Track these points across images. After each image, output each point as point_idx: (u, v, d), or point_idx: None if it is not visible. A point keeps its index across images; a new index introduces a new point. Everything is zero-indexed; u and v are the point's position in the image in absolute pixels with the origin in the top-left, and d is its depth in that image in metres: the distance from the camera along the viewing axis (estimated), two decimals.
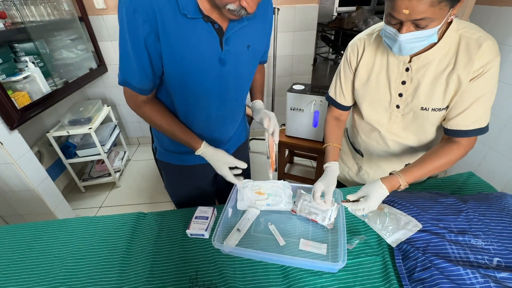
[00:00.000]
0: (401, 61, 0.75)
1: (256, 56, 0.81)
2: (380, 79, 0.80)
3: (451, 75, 0.69)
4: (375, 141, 0.93)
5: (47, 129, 1.90)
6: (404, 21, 0.59)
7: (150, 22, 0.61)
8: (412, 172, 0.74)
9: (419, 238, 0.70)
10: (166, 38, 0.63)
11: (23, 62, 1.59)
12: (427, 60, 0.71)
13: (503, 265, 0.62)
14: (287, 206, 0.86)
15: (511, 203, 0.78)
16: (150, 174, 2.40)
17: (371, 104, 0.85)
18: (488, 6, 1.69)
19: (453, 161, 0.75)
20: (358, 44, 0.82)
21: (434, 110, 0.75)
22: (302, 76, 2.59)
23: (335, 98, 0.93)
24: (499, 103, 1.64)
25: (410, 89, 0.76)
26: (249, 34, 0.73)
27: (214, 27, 0.67)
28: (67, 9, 1.97)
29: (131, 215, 0.91)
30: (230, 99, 0.82)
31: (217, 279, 0.69)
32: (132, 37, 0.63)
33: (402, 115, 0.81)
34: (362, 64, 0.82)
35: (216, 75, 0.73)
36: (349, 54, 0.84)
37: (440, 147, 0.77)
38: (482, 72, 0.66)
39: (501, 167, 1.73)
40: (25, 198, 1.52)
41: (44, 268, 0.75)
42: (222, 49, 0.69)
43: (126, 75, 0.70)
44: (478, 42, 0.65)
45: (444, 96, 0.72)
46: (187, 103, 0.78)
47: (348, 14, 3.94)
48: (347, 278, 0.67)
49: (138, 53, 0.65)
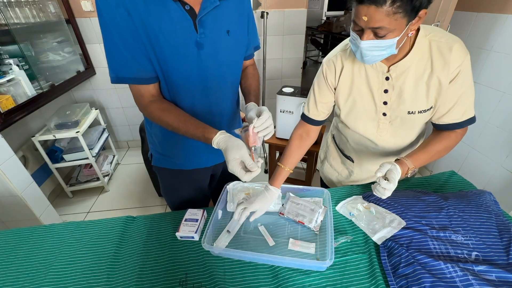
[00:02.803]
0: (379, 71, 0.77)
1: (239, 43, 0.81)
2: (362, 91, 0.81)
3: (431, 78, 0.73)
4: (365, 148, 0.94)
5: (32, 133, 1.86)
6: (364, 28, 0.62)
7: (123, 5, 0.62)
8: (417, 157, 0.76)
9: (403, 235, 0.72)
10: (139, 20, 0.64)
11: (7, 64, 1.56)
12: (404, 67, 0.74)
13: (481, 259, 0.65)
14: (276, 207, 0.87)
15: (488, 200, 0.82)
16: (139, 178, 2.37)
17: (358, 117, 0.86)
18: (467, 12, 1.77)
19: (451, 146, 0.80)
20: (334, 61, 0.82)
21: (421, 112, 0.78)
22: (291, 79, 2.63)
23: (308, 113, 0.92)
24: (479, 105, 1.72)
25: (394, 96, 0.78)
26: (225, 17, 0.74)
27: (185, 8, 0.67)
28: (54, 11, 1.94)
29: (120, 219, 0.90)
30: (212, 87, 0.80)
31: (207, 281, 0.70)
32: (114, 24, 0.63)
33: (389, 122, 0.83)
34: (342, 81, 0.83)
35: (194, 59, 0.72)
36: (325, 70, 0.84)
37: (438, 134, 0.80)
38: (459, 71, 0.70)
39: (483, 166, 1.80)
40: (9, 204, 1.47)
41: (29, 275, 0.73)
42: (197, 31, 0.69)
43: (118, 69, 0.69)
44: (448, 46, 0.69)
45: (427, 98, 0.75)
46: (171, 89, 0.76)
47: (336, 18, 4.02)
48: (335, 276, 0.69)
49: (124, 39, 0.65)
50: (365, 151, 0.95)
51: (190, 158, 0.90)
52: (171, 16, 0.66)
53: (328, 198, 0.87)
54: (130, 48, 0.67)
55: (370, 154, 0.95)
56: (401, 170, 0.71)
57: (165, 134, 0.87)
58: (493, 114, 1.68)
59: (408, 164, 0.74)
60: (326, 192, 0.89)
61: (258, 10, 2.19)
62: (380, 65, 0.76)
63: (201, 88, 0.78)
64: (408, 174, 0.75)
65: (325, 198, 0.89)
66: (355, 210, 0.84)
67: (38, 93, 1.67)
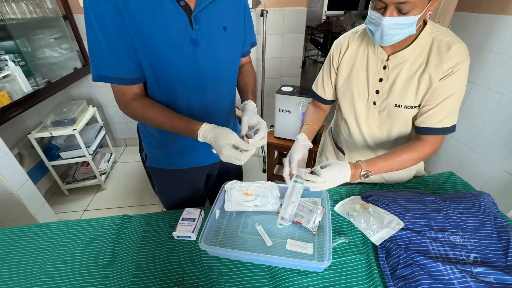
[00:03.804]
0: (379, 59, 0.79)
1: (236, 40, 0.80)
2: (360, 76, 0.84)
3: (423, 75, 0.74)
4: (354, 141, 0.96)
5: (28, 130, 1.83)
6: (388, 4, 0.63)
7: (112, 2, 0.60)
8: (374, 162, 0.76)
9: (401, 236, 0.72)
10: (130, 19, 0.62)
11: (2, 60, 1.54)
12: (402, 59, 0.76)
13: (479, 261, 0.64)
14: (274, 207, 0.86)
15: (487, 201, 0.82)
16: (137, 176, 2.36)
17: (351, 100, 0.88)
18: (467, 13, 1.77)
19: (417, 157, 0.79)
20: (342, 42, 0.86)
21: (407, 108, 0.79)
22: (291, 78, 2.62)
23: (316, 91, 0.99)
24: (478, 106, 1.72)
25: (386, 86, 0.80)
26: (222, 13, 0.72)
27: (180, 4, 0.65)
28: (51, 7, 1.92)
29: (116, 218, 0.89)
30: (209, 85, 0.78)
31: (204, 281, 0.69)
32: (99, 22, 0.61)
33: (378, 112, 0.85)
34: (344, 61, 0.86)
35: (189, 56, 0.70)
36: (332, 50, 0.89)
37: (406, 144, 0.81)
38: (451, 72, 0.70)
39: (480, 167, 1.80)
40: (3, 202, 1.46)
41: (23, 275, 0.72)
42: (193, 28, 0.68)
43: (100, 68, 0.67)
44: (448, 45, 0.70)
45: (416, 94, 0.76)
46: (164, 89, 0.74)
47: (336, 18, 4.02)
48: (332, 276, 0.68)
49: (109, 39, 0.63)
50: (355, 144, 0.97)
51: (187, 156, 0.89)
52: (165, 12, 0.64)
53: (326, 198, 0.86)
54: (115, 48, 0.64)
55: (359, 148, 0.97)
56: (350, 171, 0.73)
57: (161, 132, 0.85)
58: (492, 116, 1.68)
59: (362, 166, 0.75)
60: (324, 192, 0.89)
61: (258, 9, 2.17)
62: (381, 52, 0.78)
63: (198, 86, 0.76)
64: (361, 177, 0.75)
65: (323, 198, 0.88)
66: (354, 211, 0.83)
67: (35, 89, 1.65)
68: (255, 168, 2.47)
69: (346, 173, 0.73)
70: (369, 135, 0.91)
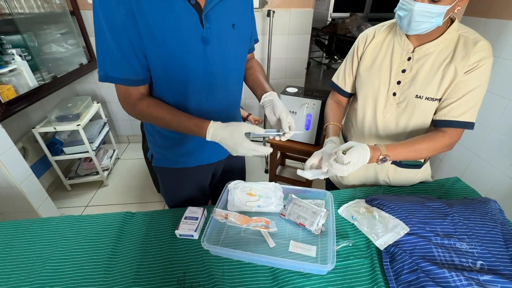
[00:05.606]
0: (405, 50, 0.80)
1: (243, 37, 0.80)
2: (383, 66, 0.84)
3: (449, 66, 0.75)
4: (367, 133, 0.94)
5: (33, 125, 1.84)
6: None
7: (124, 4, 0.59)
8: (394, 147, 0.76)
9: (406, 241, 0.71)
10: (143, 19, 0.62)
11: (9, 54, 1.54)
12: (428, 51, 0.77)
13: (486, 268, 0.63)
14: (277, 208, 0.86)
15: (494, 208, 0.80)
16: (139, 173, 2.36)
17: (370, 90, 0.88)
18: (476, 18, 1.75)
19: (436, 147, 0.78)
20: (369, 33, 0.88)
21: (428, 99, 0.79)
22: (295, 79, 2.61)
23: (337, 82, 1.00)
24: (484, 112, 1.70)
25: (409, 77, 0.81)
26: (231, 11, 0.72)
27: (191, 2, 0.65)
28: (58, 2, 1.93)
29: (118, 215, 0.89)
30: (218, 84, 0.78)
31: (205, 280, 0.68)
32: (109, 23, 0.61)
33: (397, 104, 0.85)
34: (368, 50, 0.87)
35: (200, 55, 0.70)
36: (358, 42, 0.91)
37: (426, 134, 0.81)
38: (476, 66, 0.72)
39: (486, 173, 1.79)
40: (6, 196, 1.46)
41: (25, 269, 0.72)
42: (203, 26, 0.68)
43: (107, 68, 0.67)
44: (474, 41, 0.72)
45: (439, 86, 0.77)
46: (174, 90, 0.74)
47: (342, 20, 4.00)
48: (335, 280, 0.68)
49: (118, 40, 0.63)
50: (366, 137, 0.96)
51: (195, 155, 0.88)
52: (177, 11, 0.64)
53: (330, 201, 0.86)
54: (123, 49, 0.64)
55: (370, 142, 0.94)
56: (370, 153, 0.72)
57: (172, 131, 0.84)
58: (498, 122, 1.66)
59: (382, 149, 0.74)
60: (328, 194, 0.88)
61: (264, 9, 2.17)
62: (408, 43, 0.79)
63: (208, 84, 0.76)
64: (379, 161, 0.74)
65: (327, 201, 0.88)
66: (358, 214, 0.83)
67: (40, 84, 1.66)
68: (257, 168, 2.47)
69: (366, 156, 0.72)
70: (383, 127, 0.90)
